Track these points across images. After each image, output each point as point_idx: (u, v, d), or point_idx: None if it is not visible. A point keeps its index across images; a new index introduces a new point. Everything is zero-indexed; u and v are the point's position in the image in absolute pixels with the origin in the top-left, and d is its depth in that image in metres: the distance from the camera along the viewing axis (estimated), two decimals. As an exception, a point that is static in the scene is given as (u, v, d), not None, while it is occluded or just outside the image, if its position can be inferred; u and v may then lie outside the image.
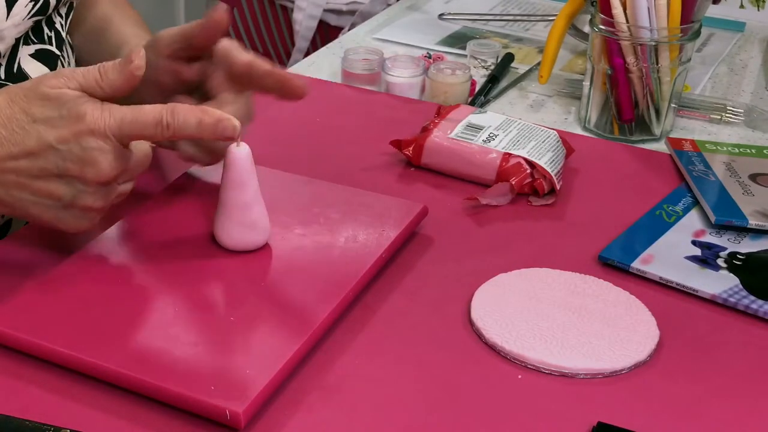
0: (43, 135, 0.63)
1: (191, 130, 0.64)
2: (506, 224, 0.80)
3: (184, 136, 0.64)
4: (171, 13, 2.49)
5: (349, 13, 1.74)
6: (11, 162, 0.63)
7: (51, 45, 0.81)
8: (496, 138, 0.86)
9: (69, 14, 0.85)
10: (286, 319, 0.64)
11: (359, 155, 0.89)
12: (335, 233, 0.73)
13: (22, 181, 0.64)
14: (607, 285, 0.70)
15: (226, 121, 0.64)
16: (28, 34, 0.78)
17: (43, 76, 0.64)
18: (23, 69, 0.78)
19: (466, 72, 1.05)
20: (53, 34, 0.81)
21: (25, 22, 0.76)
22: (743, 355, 0.65)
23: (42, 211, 0.65)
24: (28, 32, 0.78)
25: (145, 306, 0.64)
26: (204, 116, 0.64)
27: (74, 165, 0.63)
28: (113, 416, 0.57)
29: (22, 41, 0.78)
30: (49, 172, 0.63)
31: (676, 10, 0.93)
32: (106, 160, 0.63)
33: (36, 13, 0.77)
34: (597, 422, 0.58)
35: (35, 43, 0.79)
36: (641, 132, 0.99)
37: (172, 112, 0.63)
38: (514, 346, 0.63)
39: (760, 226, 0.78)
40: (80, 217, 0.66)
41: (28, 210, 0.65)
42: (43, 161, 0.63)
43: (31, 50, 0.79)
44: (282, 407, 0.58)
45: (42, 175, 0.63)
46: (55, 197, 0.64)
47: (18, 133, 0.63)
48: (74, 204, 0.65)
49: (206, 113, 0.64)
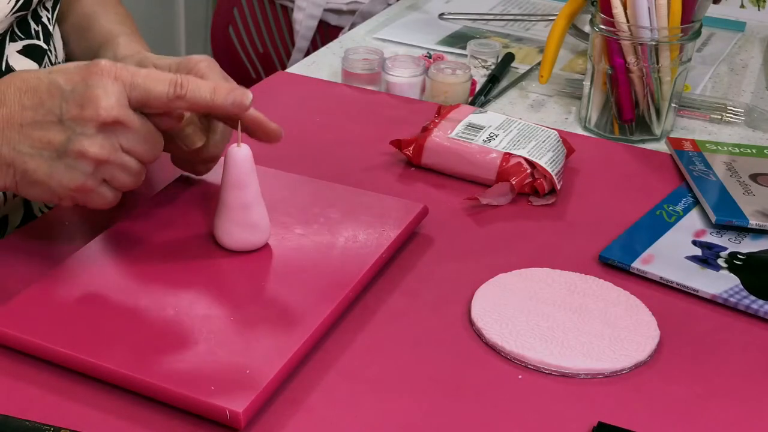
0: (54, 79, 0.63)
1: (205, 97, 0.64)
2: (506, 224, 0.80)
3: (197, 105, 0.64)
4: (171, 13, 2.49)
5: (349, 13, 1.74)
6: (22, 113, 0.63)
7: (38, 39, 0.80)
8: (497, 138, 0.86)
9: (56, 7, 0.84)
10: (286, 319, 0.64)
11: (359, 155, 0.89)
12: (335, 233, 0.73)
13: (26, 131, 0.63)
14: (608, 285, 0.70)
15: (239, 89, 0.64)
16: (13, 29, 0.78)
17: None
18: (11, 66, 0.77)
19: (466, 72, 1.05)
20: (40, 29, 0.81)
21: (8, 18, 0.75)
22: (743, 355, 0.65)
23: (38, 165, 0.63)
24: (14, 28, 0.78)
25: (145, 306, 0.64)
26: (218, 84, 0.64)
27: (75, 105, 0.62)
28: (113, 416, 0.57)
29: (8, 38, 0.77)
30: (50, 118, 0.62)
31: (676, 9, 0.93)
32: (106, 98, 0.62)
33: (19, 9, 0.76)
34: (597, 422, 0.58)
35: (22, 38, 0.79)
36: (642, 132, 0.98)
37: (186, 77, 0.63)
38: (514, 346, 0.63)
39: (761, 226, 0.78)
40: (73, 167, 0.63)
41: (26, 164, 0.63)
42: (49, 105, 0.63)
43: (18, 47, 0.78)
44: (282, 407, 0.58)
45: (44, 121, 0.63)
46: (52, 145, 0.63)
47: (36, 86, 0.63)
48: (68, 150, 0.63)
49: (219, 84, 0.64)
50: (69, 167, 0.63)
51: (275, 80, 1.07)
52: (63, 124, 0.62)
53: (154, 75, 0.63)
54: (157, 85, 0.63)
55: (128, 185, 0.66)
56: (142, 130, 0.64)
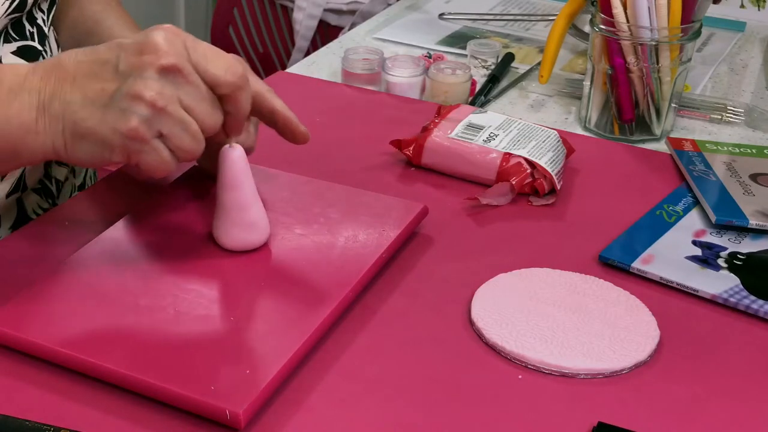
0: (117, 40, 0.62)
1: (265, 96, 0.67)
2: (506, 224, 0.80)
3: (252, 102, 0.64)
4: (171, 13, 2.49)
5: (349, 13, 1.74)
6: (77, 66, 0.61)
7: (33, 41, 0.80)
8: (497, 138, 0.86)
9: (51, 8, 0.84)
10: (286, 319, 0.64)
11: (359, 155, 0.89)
12: (335, 233, 0.73)
13: (79, 82, 0.61)
14: (608, 285, 0.70)
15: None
16: (8, 31, 0.77)
17: None
18: None
19: (466, 72, 1.05)
20: (35, 30, 0.80)
21: (1, 19, 0.75)
22: (743, 355, 0.65)
23: (90, 113, 0.60)
24: (8, 29, 0.77)
25: (144, 306, 0.64)
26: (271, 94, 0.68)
27: (133, 53, 0.59)
28: (113, 416, 0.57)
29: (2, 39, 0.77)
30: (107, 68, 0.60)
31: (676, 9, 0.93)
32: (167, 45, 0.59)
33: (13, 11, 0.76)
34: (597, 422, 0.58)
35: (16, 39, 0.78)
36: (642, 132, 0.98)
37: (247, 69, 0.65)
38: (514, 346, 0.63)
39: (761, 226, 0.78)
40: (127, 109, 0.59)
41: (76, 114, 0.60)
42: (106, 56, 0.60)
43: (12, 47, 0.78)
44: (282, 407, 0.58)
45: (100, 71, 0.60)
46: (106, 93, 0.60)
47: (95, 46, 0.62)
48: (123, 93, 0.59)
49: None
50: (122, 111, 0.59)
51: (275, 80, 1.07)
52: (119, 73, 0.60)
53: (218, 51, 0.61)
54: (217, 61, 0.61)
55: (187, 147, 0.61)
56: (202, 88, 0.61)
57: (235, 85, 0.62)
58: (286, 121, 0.71)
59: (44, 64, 0.63)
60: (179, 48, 0.60)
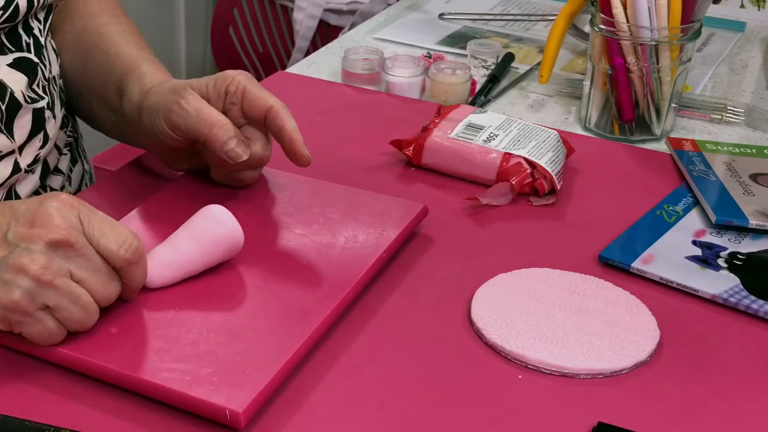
0: (10, 202, 0.60)
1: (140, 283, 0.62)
2: (506, 224, 0.80)
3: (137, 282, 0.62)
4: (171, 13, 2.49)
5: (349, 13, 1.74)
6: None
7: (29, 52, 0.78)
8: (497, 138, 0.86)
9: (48, 18, 0.82)
10: (286, 319, 0.64)
11: (359, 155, 0.89)
12: (335, 233, 0.73)
13: None
14: (608, 285, 0.70)
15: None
16: (3, 42, 0.75)
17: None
18: (2, 81, 0.75)
19: (466, 72, 1.05)
20: (32, 41, 0.78)
21: None
22: (743, 355, 0.65)
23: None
24: (3, 40, 0.75)
25: (144, 306, 0.64)
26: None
27: (24, 222, 0.58)
28: (113, 416, 0.57)
29: None
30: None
31: (676, 9, 0.93)
32: (59, 217, 0.57)
33: (5, 21, 0.74)
34: (597, 422, 0.58)
35: (12, 51, 0.76)
36: (642, 132, 0.99)
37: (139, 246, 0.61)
38: (514, 346, 0.63)
39: (761, 226, 0.78)
40: (8, 282, 0.56)
41: None
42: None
43: (8, 60, 0.76)
44: (282, 407, 0.58)
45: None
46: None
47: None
48: (7, 264, 0.56)
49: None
50: (5, 282, 0.56)
51: (275, 80, 1.07)
52: (7, 242, 0.58)
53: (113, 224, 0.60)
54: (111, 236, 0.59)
55: (76, 320, 0.59)
56: (96, 260, 0.59)
57: (128, 261, 0.60)
58: (291, 142, 0.73)
59: None
60: (72, 221, 0.58)
